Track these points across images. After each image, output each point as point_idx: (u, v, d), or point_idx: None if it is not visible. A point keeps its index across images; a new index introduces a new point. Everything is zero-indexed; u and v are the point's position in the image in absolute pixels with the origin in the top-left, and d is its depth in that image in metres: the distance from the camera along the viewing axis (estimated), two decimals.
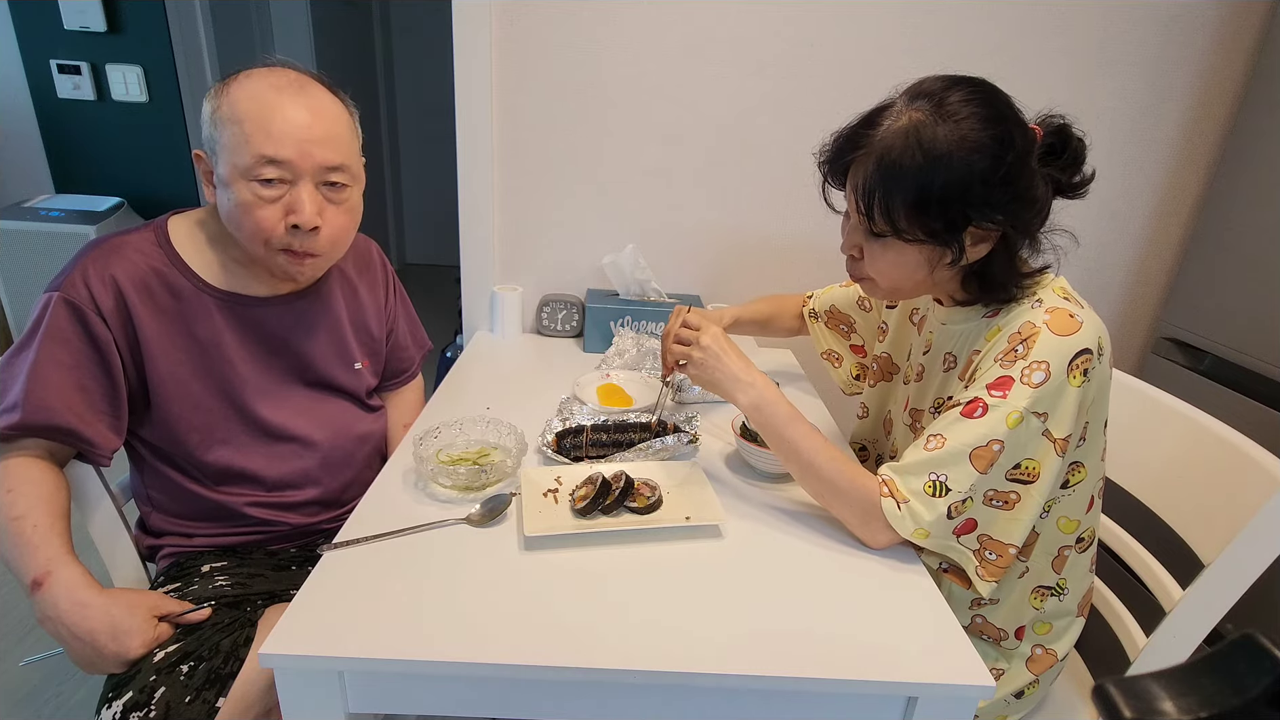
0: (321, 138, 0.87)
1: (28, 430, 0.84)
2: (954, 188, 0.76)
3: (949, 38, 1.40)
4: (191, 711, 0.77)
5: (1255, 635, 0.27)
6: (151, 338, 0.90)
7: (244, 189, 0.86)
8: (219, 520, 1.00)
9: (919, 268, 0.84)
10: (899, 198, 0.78)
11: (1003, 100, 0.79)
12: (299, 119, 0.86)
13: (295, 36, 3.30)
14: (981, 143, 0.75)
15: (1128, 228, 1.55)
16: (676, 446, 1.04)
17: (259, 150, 0.84)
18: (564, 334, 1.60)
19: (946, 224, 0.78)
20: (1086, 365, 0.77)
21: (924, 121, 0.77)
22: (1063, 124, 0.82)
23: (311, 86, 0.89)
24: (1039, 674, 0.93)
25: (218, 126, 0.86)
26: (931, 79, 0.81)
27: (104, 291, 0.87)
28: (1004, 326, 0.83)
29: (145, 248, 0.92)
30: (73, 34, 2.40)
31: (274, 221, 0.88)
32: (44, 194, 2.56)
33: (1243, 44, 1.40)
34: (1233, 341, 1.34)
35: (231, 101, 0.85)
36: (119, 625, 0.79)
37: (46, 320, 0.85)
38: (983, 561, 0.81)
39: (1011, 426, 0.76)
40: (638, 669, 0.66)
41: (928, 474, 0.80)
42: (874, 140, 0.79)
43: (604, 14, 1.41)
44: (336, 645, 0.66)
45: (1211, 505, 0.91)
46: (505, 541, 0.84)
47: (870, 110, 0.83)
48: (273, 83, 0.87)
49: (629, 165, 1.53)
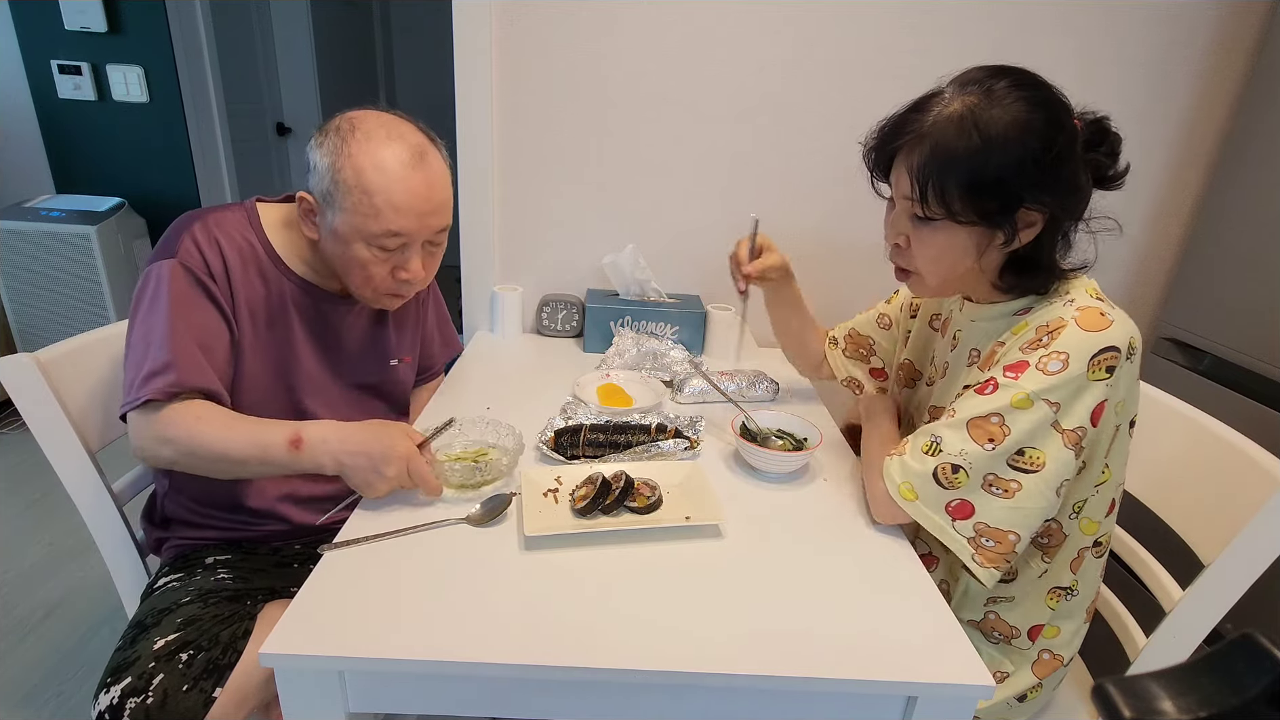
0: (437, 207, 0.94)
1: (184, 387, 0.87)
2: (1009, 168, 0.77)
3: (949, 37, 1.40)
4: (189, 700, 0.78)
5: (1255, 635, 0.27)
6: (242, 311, 0.95)
7: (363, 249, 0.92)
8: (236, 509, 1.01)
9: (967, 253, 0.85)
10: (954, 179, 0.79)
11: (1047, 85, 0.81)
12: (421, 193, 0.91)
13: (295, 36, 3.30)
14: (1034, 124, 0.77)
15: (1127, 228, 1.55)
16: (674, 452, 1.04)
17: (386, 226, 0.90)
18: (564, 334, 1.60)
19: (1002, 205, 0.79)
20: (1111, 362, 0.77)
21: (978, 104, 0.78)
22: (1101, 117, 0.84)
23: (429, 154, 0.93)
24: (1043, 678, 0.93)
25: (339, 188, 0.89)
26: (978, 68, 0.82)
27: (215, 258, 0.93)
28: (1032, 321, 0.83)
29: (241, 225, 0.97)
30: (73, 34, 2.40)
31: (384, 276, 0.96)
32: (44, 194, 2.56)
33: (1243, 44, 1.40)
34: (1233, 341, 1.34)
35: (357, 169, 0.88)
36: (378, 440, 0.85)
37: (169, 286, 0.89)
38: (979, 549, 0.81)
39: (1014, 405, 0.78)
40: (638, 669, 0.66)
41: (929, 435, 0.84)
42: (925, 124, 0.81)
43: (604, 14, 1.41)
44: (336, 645, 0.66)
45: (1211, 505, 0.91)
46: (505, 541, 0.84)
47: (918, 98, 0.84)
48: (399, 156, 0.89)
49: (629, 165, 1.53)
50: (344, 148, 0.89)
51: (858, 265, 1.56)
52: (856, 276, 1.57)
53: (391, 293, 0.99)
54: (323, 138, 0.91)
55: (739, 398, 1.28)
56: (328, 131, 0.91)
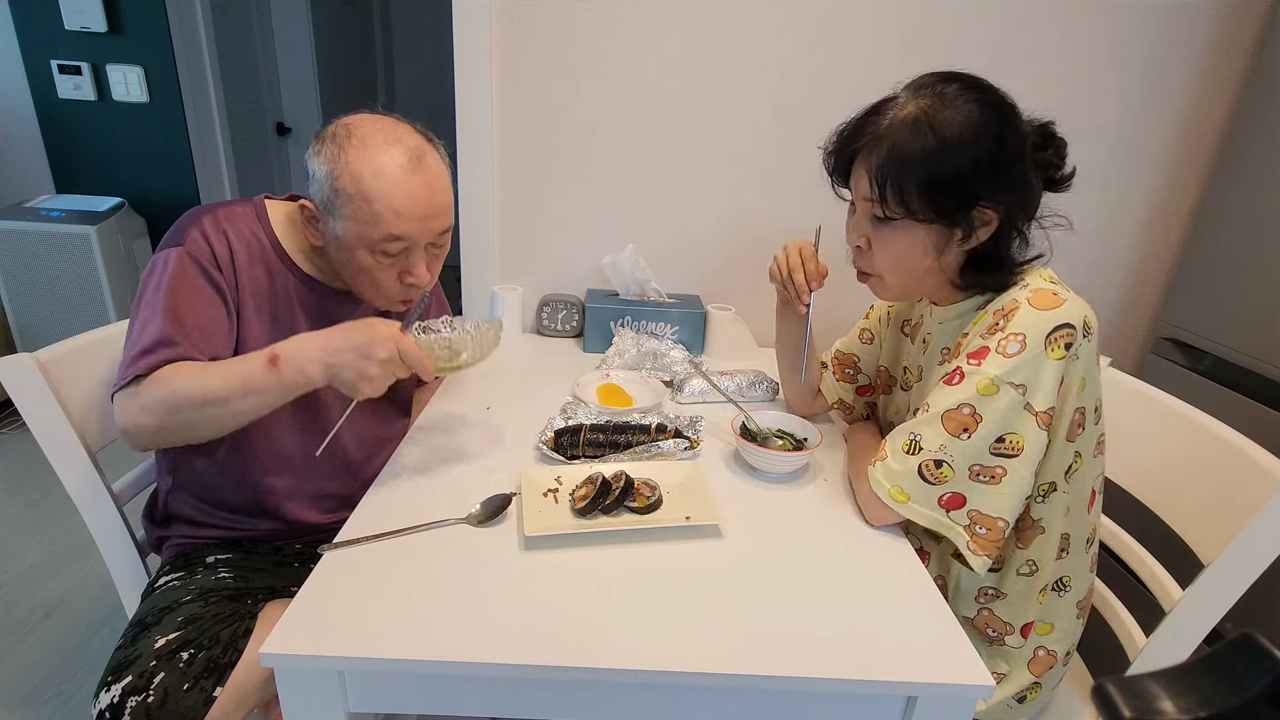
0: (438, 210, 0.93)
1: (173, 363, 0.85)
2: (965, 167, 0.80)
3: (948, 37, 1.40)
4: (189, 699, 0.78)
5: (1255, 635, 0.27)
6: (247, 304, 0.95)
7: (366, 256, 0.92)
8: (238, 508, 1.01)
9: (927, 252, 0.87)
10: (911, 178, 0.82)
11: (996, 90, 0.84)
12: (421, 196, 0.90)
13: (295, 36, 3.30)
14: (985, 124, 0.80)
15: (1127, 228, 1.55)
16: (674, 453, 1.04)
17: (388, 230, 0.90)
18: (564, 334, 1.60)
19: (959, 202, 0.82)
20: (1068, 340, 0.78)
21: (931, 106, 0.82)
22: (1046, 122, 0.86)
23: (427, 156, 0.92)
24: (1040, 675, 0.93)
25: (339, 196, 0.89)
26: (928, 74, 0.86)
27: (222, 249, 0.93)
28: (991, 308, 0.86)
29: (249, 220, 0.98)
30: (73, 34, 2.40)
31: (391, 282, 0.96)
32: (44, 194, 2.56)
33: (1242, 44, 1.40)
34: (1233, 341, 1.34)
35: (355, 176, 0.87)
36: (360, 330, 0.84)
37: (172, 271, 0.89)
38: (974, 536, 0.83)
39: (982, 392, 0.80)
40: (638, 669, 0.66)
41: (908, 434, 0.86)
42: (881, 127, 0.84)
43: (604, 14, 1.41)
44: (336, 645, 0.66)
45: (1211, 505, 0.91)
46: (505, 541, 0.84)
47: (874, 103, 0.87)
48: (397, 160, 0.89)
49: (629, 165, 1.53)
50: (341, 155, 0.88)
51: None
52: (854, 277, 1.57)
53: (400, 299, 0.99)
54: (320, 145, 0.90)
55: (739, 398, 1.28)
56: (324, 139, 0.90)
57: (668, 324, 1.50)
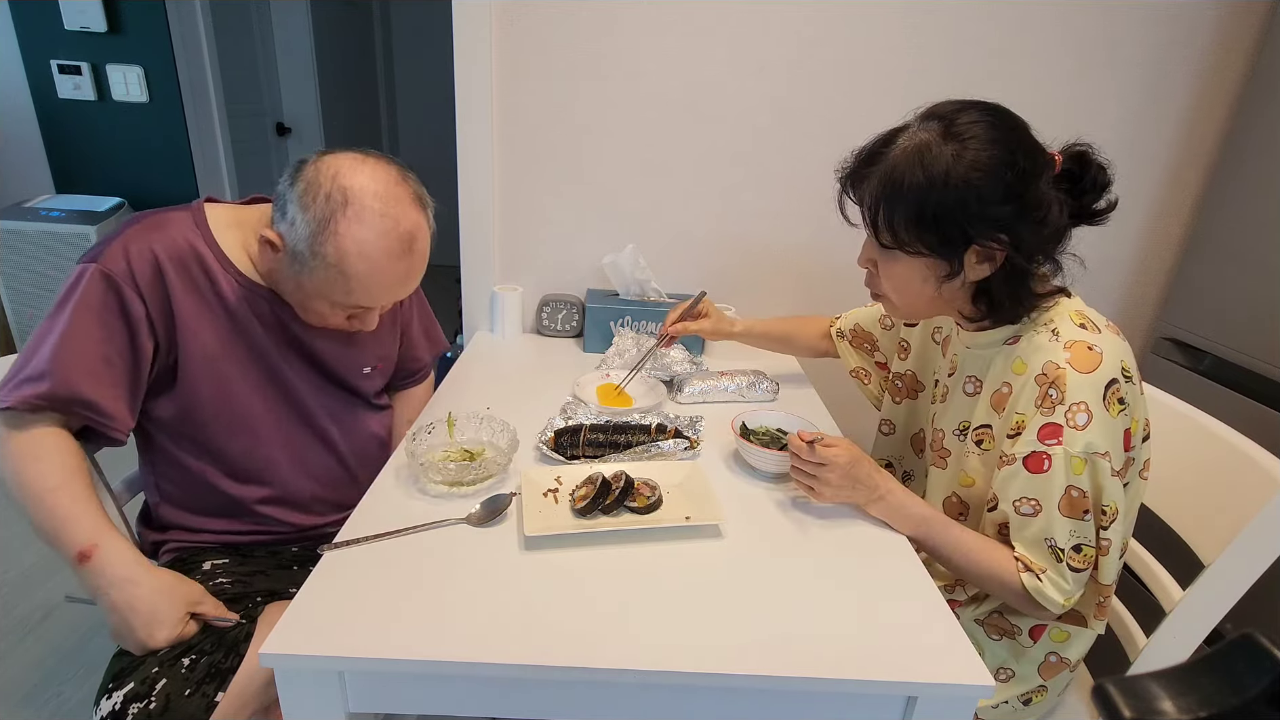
0: (409, 288, 0.94)
1: (54, 400, 0.84)
2: (951, 204, 0.79)
3: (949, 38, 1.40)
4: (191, 705, 0.77)
5: (1255, 635, 0.27)
6: (187, 315, 0.90)
7: (324, 307, 0.92)
8: (228, 516, 1.00)
9: (925, 282, 0.87)
10: (899, 212, 0.82)
11: (1009, 123, 0.81)
12: (399, 279, 0.90)
13: (295, 36, 3.29)
14: (980, 162, 0.78)
15: (1128, 227, 1.55)
16: (674, 453, 1.04)
17: (359, 303, 0.91)
18: (564, 334, 1.60)
19: (945, 239, 0.81)
20: (1120, 394, 0.79)
21: (930, 141, 0.80)
22: (1083, 150, 0.84)
23: (419, 239, 0.89)
24: (1048, 680, 0.93)
25: (316, 258, 0.85)
26: (946, 102, 0.84)
27: (143, 266, 0.87)
28: (1028, 362, 0.84)
29: (185, 227, 0.92)
30: (73, 34, 2.40)
31: (339, 323, 0.96)
32: (44, 194, 2.56)
33: (1243, 44, 1.40)
34: (1233, 341, 1.34)
35: (340, 251, 0.84)
36: (157, 613, 0.80)
37: (81, 290, 0.85)
38: (1097, 605, 0.86)
39: (1079, 472, 0.79)
40: (638, 669, 0.66)
41: (1042, 541, 0.81)
42: (887, 157, 0.83)
43: (604, 14, 1.41)
44: (336, 645, 0.66)
45: (1211, 505, 0.91)
46: (505, 541, 0.84)
47: (889, 130, 0.86)
48: (388, 248, 0.86)
49: (629, 165, 1.53)
50: (332, 224, 0.83)
51: (854, 266, 1.56)
52: (853, 277, 1.56)
53: (342, 330, 0.98)
54: (309, 194, 0.84)
55: (739, 398, 1.28)
56: (316, 190, 0.84)
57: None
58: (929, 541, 0.89)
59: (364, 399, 1.12)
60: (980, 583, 0.88)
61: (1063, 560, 0.81)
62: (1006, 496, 0.83)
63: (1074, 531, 0.80)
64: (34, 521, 0.82)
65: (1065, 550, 0.80)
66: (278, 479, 1.01)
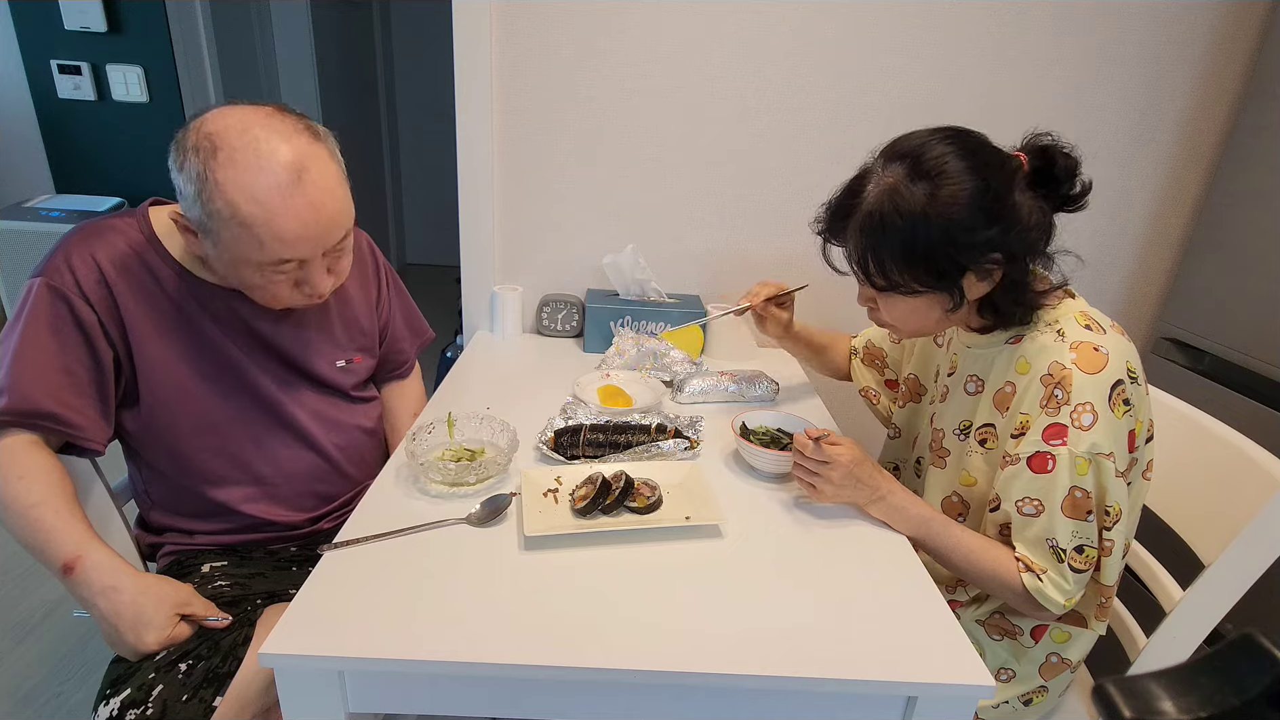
0: (329, 224, 0.84)
1: (16, 416, 0.84)
2: (937, 241, 0.79)
3: (949, 39, 1.40)
4: (189, 710, 0.77)
5: (1255, 635, 0.27)
6: (137, 320, 0.89)
7: (255, 275, 0.85)
8: (216, 517, 1.00)
9: (931, 311, 0.87)
10: (888, 257, 0.82)
11: (974, 144, 0.81)
12: (307, 217, 0.81)
13: (295, 36, 3.29)
14: (956, 196, 0.78)
15: (1128, 228, 1.55)
16: (674, 453, 1.04)
17: (275, 255, 0.82)
18: (564, 334, 1.60)
19: (940, 272, 0.81)
20: (1125, 395, 0.79)
21: (898, 185, 0.80)
22: (1046, 144, 0.84)
23: (309, 168, 0.81)
24: (1049, 680, 0.93)
25: (213, 219, 0.79)
26: (902, 138, 0.84)
27: (88, 274, 0.86)
28: (1032, 362, 0.84)
29: (128, 231, 0.91)
30: (73, 34, 2.40)
31: (287, 293, 0.89)
32: (44, 194, 2.56)
33: (1243, 44, 1.40)
34: (1233, 341, 1.34)
35: (228, 201, 0.78)
36: (142, 617, 0.80)
37: (30, 306, 0.85)
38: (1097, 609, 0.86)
39: (1083, 473, 0.79)
40: (638, 669, 0.66)
41: (1043, 541, 0.82)
42: (859, 208, 0.83)
43: (604, 15, 1.41)
44: (336, 645, 0.66)
45: (1211, 505, 0.91)
46: (505, 541, 0.84)
47: (852, 179, 0.87)
48: (274, 183, 0.78)
49: (629, 165, 1.53)
50: (208, 175, 0.77)
51: None
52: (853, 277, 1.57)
53: (301, 304, 0.93)
54: (180, 156, 0.79)
55: (739, 398, 1.28)
56: (184, 149, 0.79)
57: (668, 324, 1.50)
58: (930, 542, 0.89)
59: (342, 393, 1.09)
60: (981, 583, 0.88)
61: (1064, 561, 0.80)
62: (1009, 496, 0.83)
63: (1076, 532, 0.80)
64: (19, 537, 0.83)
65: (1067, 551, 0.80)
66: (253, 477, 1.00)
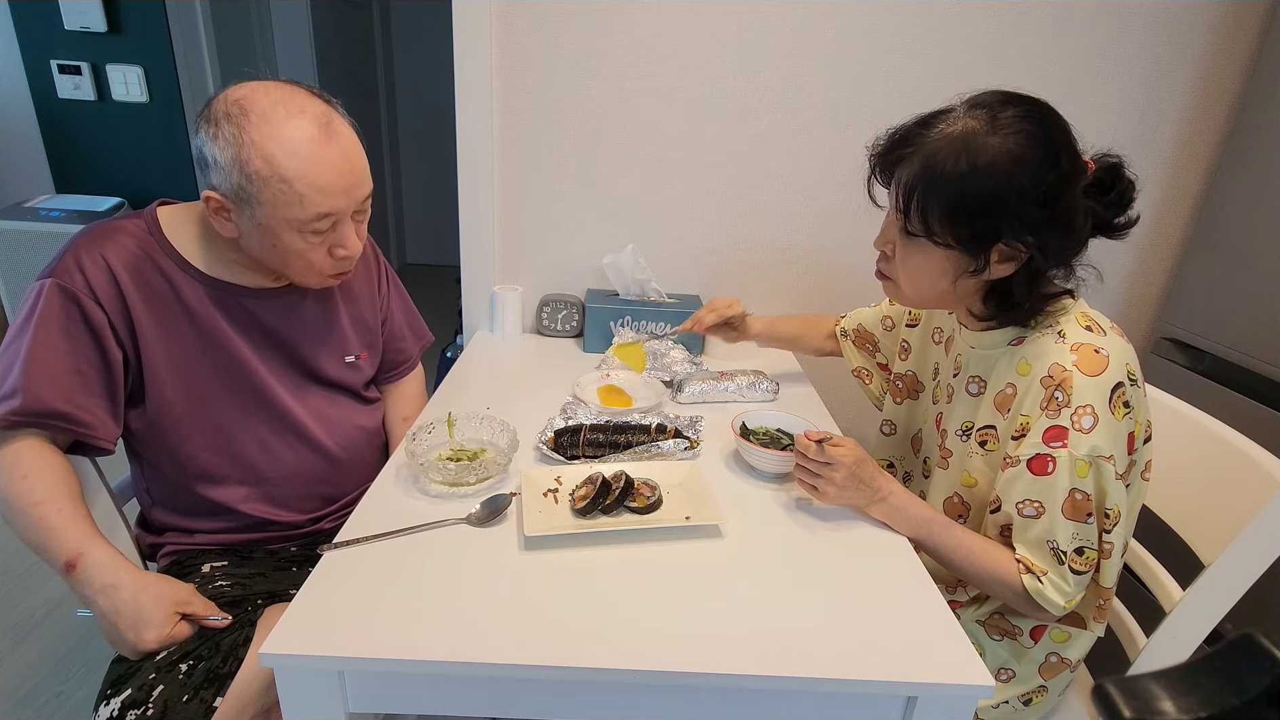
0: (360, 176, 0.90)
1: (28, 416, 0.84)
2: (990, 198, 0.78)
3: (949, 39, 1.40)
4: (189, 710, 0.77)
5: (1255, 635, 0.27)
6: (146, 321, 0.90)
7: (296, 239, 0.88)
8: (216, 516, 1.00)
9: (943, 274, 0.86)
10: (936, 200, 0.80)
11: (1057, 123, 0.80)
12: (341, 166, 0.86)
13: (295, 36, 3.29)
14: (1025, 159, 0.77)
15: None
16: (674, 453, 1.04)
17: (316, 209, 0.86)
18: (564, 334, 1.60)
19: (976, 233, 0.80)
20: (1125, 398, 0.79)
21: (977, 130, 0.78)
22: (1116, 163, 0.83)
23: (335, 121, 0.88)
24: (1049, 680, 0.93)
25: (253, 181, 0.82)
26: (991, 92, 0.82)
27: (98, 275, 0.87)
28: (1033, 364, 0.84)
29: (137, 233, 0.91)
30: (73, 34, 2.40)
31: (323, 259, 0.92)
32: (44, 194, 2.56)
33: (1242, 44, 1.40)
34: (1233, 341, 1.34)
35: (267, 157, 0.81)
36: (141, 615, 0.80)
37: (40, 307, 0.85)
38: (1095, 610, 0.86)
39: (1084, 475, 0.78)
40: (637, 669, 0.66)
41: (1044, 543, 0.81)
42: (925, 141, 0.81)
43: (604, 15, 1.41)
44: (336, 645, 0.66)
45: (1211, 505, 0.91)
46: (505, 541, 0.84)
47: (929, 113, 0.84)
48: (307, 133, 0.83)
49: (629, 165, 1.53)
50: (243, 136, 0.81)
51: (855, 265, 1.56)
52: (853, 277, 1.57)
53: (334, 273, 0.96)
54: (212, 128, 0.82)
55: (739, 398, 1.28)
56: (215, 119, 0.82)
57: (668, 324, 1.50)
58: (930, 543, 0.89)
59: (351, 392, 1.11)
60: (981, 584, 0.88)
61: (1064, 562, 0.80)
62: (1010, 498, 0.83)
63: (1076, 534, 0.80)
64: (22, 536, 0.83)
65: (1067, 553, 0.80)
66: (255, 477, 1.00)
